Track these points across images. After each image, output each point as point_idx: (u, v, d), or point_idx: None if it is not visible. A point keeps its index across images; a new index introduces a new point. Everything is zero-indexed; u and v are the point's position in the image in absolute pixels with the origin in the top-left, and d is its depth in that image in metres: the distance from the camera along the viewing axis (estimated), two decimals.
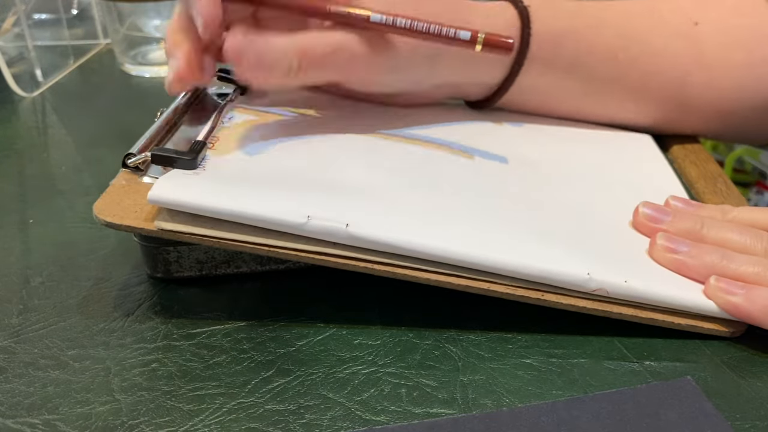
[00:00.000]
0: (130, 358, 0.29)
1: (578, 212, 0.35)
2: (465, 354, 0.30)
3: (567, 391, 0.28)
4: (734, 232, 0.32)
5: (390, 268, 0.30)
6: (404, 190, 0.34)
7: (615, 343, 0.30)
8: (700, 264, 0.31)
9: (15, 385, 0.28)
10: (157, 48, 0.64)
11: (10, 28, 0.61)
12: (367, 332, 0.31)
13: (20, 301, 0.32)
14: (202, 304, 0.32)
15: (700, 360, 0.29)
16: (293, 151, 0.36)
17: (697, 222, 0.33)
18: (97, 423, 0.26)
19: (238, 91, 0.41)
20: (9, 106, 0.56)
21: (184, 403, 0.27)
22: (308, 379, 0.28)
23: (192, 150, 0.32)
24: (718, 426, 0.25)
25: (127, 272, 0.34)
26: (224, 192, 0.30)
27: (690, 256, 0.31)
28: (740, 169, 1.20)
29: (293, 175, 0.33)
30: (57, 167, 0.46)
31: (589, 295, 0.30)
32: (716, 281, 0.30)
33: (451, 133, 0.41)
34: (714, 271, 0.30)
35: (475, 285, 0.30)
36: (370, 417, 0.26)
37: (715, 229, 0.33)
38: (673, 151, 0.46)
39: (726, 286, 0.30)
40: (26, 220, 0.39)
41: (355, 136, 0.38)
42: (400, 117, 0.42)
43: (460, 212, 0.33)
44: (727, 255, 0.31)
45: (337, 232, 0.29)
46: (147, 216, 0.30)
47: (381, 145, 0.38)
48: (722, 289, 0.30)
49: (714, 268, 0.31)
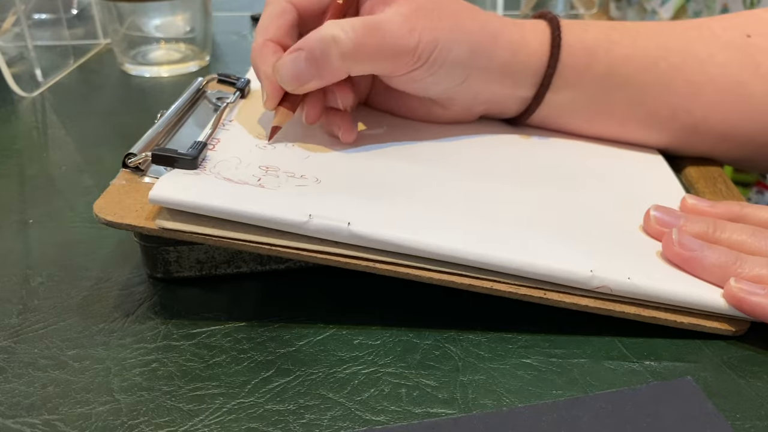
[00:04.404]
0: (130, 358, 0.29)
1: (581, 212, 0.35)
2: (465, 354, 0.30)
3: (567, 391, 0.28)
4: (747, 234, 0.32)
5: (392, 267, 0.30)
6: (406, 189, 0.34)
7: (615, 343, 0.30)
8: (714, 264, 0.31)
9: (15, 385, 0.28)
10: (157, 48, 0.64)
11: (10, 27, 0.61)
12: (367, 332, 0.31)
13: (20, 301, 0.32)
14: (202, 304, 0.32)
15: (700, 360, 0.29)
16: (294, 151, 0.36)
17: (710, 225, 0.33)
18: (97, 423, 0.26)
19: (238, 94, 0.41)
20: (9, 106, 0.56)
21: (184, 403, 0.27)
22: (308, 379, 0.28)
23: (193, 150, 0.32)
24: (718, 426, 0.25)
25: (127, 272, 0.34)
26: (226, 191, 0.30)
27: (704, 256, 0.31)
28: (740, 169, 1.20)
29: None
30: (57, 167, 0.46)
31: (592, 293, 0.30)
32: (736, 282, 0.30)
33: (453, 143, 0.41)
34: (727, 272, 0.30)
35: (478, 284, 0.30)
36: (370, 417, 0.26)
37: (727, 231, 0.33)
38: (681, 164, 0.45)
39: (747, 287, 0.29)
40: (26, 220, 0.39)
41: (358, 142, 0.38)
42: (415, 129, 0.42)
43: (462, 211, 0.33)
44: (740, 257, 0.31)
45: (339, 231, 0.29)
46: (148, 215, 0.30)
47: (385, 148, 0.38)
48: (743, 290, 0.29)
49: (727, 270, 0.30)
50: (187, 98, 0.40)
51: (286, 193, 0.31)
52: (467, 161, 0.39)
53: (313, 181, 0.33)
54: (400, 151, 0.38)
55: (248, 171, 0.33)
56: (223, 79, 0.43)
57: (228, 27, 0.76)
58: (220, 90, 0.43)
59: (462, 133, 0.42)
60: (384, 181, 0.35)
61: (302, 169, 0.34)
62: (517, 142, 0.42)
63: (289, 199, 0.30)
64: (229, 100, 0.40)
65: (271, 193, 0.31)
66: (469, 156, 0.40)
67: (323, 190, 0.32)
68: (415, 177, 0.36)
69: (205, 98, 0.41)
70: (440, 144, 0.40)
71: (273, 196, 0.30)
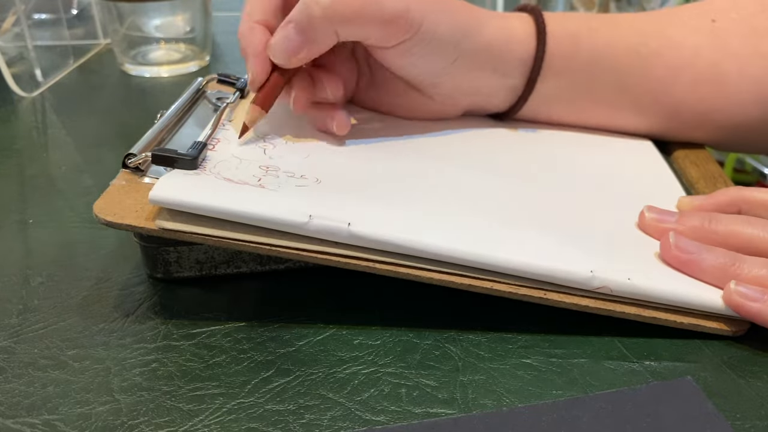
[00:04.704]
0: (130, 358, 0.29)
1: (580, 213, 0.35)
2: (465, 354, 0.30)
3: (567, 391, 0.28)
4: (743, 224, 0.32)
5: (393, 267, 0.30)
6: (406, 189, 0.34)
7: (615, 343, 0.30)
8: (713, 266, 0.31)
9: (15, 385, 0.28)
10: (157, 48, 0.64)
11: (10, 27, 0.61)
12: (367, 332, 0.31)
13: (20, 301, 0.32)
14: (202, 304, 0.32)
15: (700, 360, 0.29)
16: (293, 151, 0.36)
17: (705, 219, 0.33)
18: (96, 423, 0.26)
19: (238, 94, 0.41)
20: (9, 106, 0.56)
21: (183, 403, 0.27)
22: (308, 379, 0.28)
23: (192, 150, 0.32)
24: (718, 426, 0.25)
25: (127, 272, 0.34)
26: (226, 192, 0.30)
27: (702, 259, 0.31)
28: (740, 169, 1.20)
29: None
30: (57, 167, 0.46)
31: (592, 293, 0.30)
32: (736, 286, 0.30)
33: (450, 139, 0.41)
34: (726, 273, 0.30)
35: (478, 284, 0.30)
36: (370, 417, 0.26)
37: (723, 223, 0.33)
38: (673, 151, 0.46)
39: (746, 291, 0.29)
40: (26, 220, 0.39)
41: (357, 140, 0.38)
42: (412, 125, 0.42)
43: (462, 211, 0.33)
44: (739, 258, 0.31)
45: (339, 232, 0.29)
46: (148, 215, 0.30)
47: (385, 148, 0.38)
48: (741, 294, 0.29)
49: (726, 271, 0.30)
50: (187, 98, 0.40)
51: (286, 194, 0.31)
52: (464, 160, 0.39)
53: (313, 181, 0.33)
54: (400, 152, 0.39)
55: (248, 171, 0.33)
56: (223, 79, 0.43)
57: (228, 27, 0.76)
58: (220, 90, 0.43)
59: (454, 131, 0.42)
60: (384, 181, 0.35)
61: (302, 169, 0.34)
62: (508, 136, 0.43)
63: (289, 200, 0.30)
64: (229, 101, 0.40)
65: (271, 194, 0.31)
66: (466, 154, 0.40)
67: (323, 190, 0.32)
68: (415, 177, 0.36)
69: (205, 98, 0.41)
70: (438, 143, 0.40)
71: (273, 197, 0.30)
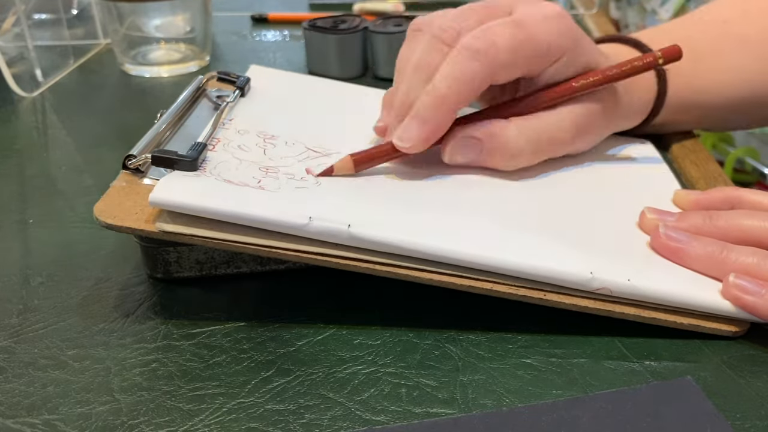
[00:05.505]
0: (130, 358, 0.29)
1: (580, 214, 0.35)
2: (465, 354, 0.30)
3: (567, 391, 0.28)
4: (743, 216, 0.32)
5: (392, 268, 0.30)
6: (406, 190, 0.34)
7: (615, 343, 0.30)
8: (701, 254, 0.31)
9: (15, 385, 0.28)
10: (157, 48, 0.64)
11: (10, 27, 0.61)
12: (367, 332, 0.31)
13: (20, 301, 0.32)
14: (202, 304, 0.32)
15: (700, 360, 0.29)
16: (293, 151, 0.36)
17: (705, 216, 0.33)
18: (96, 423, 0.26)
19: (238, 92, 0.41)
20: (9, 106, 0.56)
21: (184, 403, 0.27)
22: (308, 379, 0.28)
23: (192, 151, 0.32)
24: (718, 426, 0.25)
25: (127, 272, 0.34)
26: (226, 193, 0.30)
27: (691, 247, 0.31)
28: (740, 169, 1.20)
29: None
30: (57, 167, 0.46)
31: (592, 294, 0.30)
32: (735, 278, 0.30)
33: None
34: (714, 261, 0.31)
35: (477, 285, 0.30)
36: (370, 417, 0.26)
37: (723, 218, 0.33)
38: (673, 150, 0.46)
39: (745, 284, 0.29)
40: (26, 220, 0.39)
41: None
42: None
43: (462, 213, 0.33)
44: (727, 246, 0.31)
45: (339, 233, 0.29)
46: (148, 217, 0.30)
47: None
48: (739, 286, 0.29)
49: (714, 259, 0.31)
50: (187, 97, 0.40)
51: (286, 196, 0.31)
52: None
53: (313, 182, 0.33)
54: None
55: (248, 172, 0.33)
56: (223, 78, 0.43)
57: (228, 27, 0.75)
58: (220, 88, 0.43)
59: None
60: (384, 182, 0.35)
61: (302, 171, 0.34)
62: None
63: (290, 202, 0.30)
64: (229, 99, 0.40)
65: (272, 196, 0.31)
66: None
67: (323, 192, 0.32)
68: (415, 178, 0.36)
69: (205, 96, 0.41)
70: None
71: (273, 199, 0.30)
